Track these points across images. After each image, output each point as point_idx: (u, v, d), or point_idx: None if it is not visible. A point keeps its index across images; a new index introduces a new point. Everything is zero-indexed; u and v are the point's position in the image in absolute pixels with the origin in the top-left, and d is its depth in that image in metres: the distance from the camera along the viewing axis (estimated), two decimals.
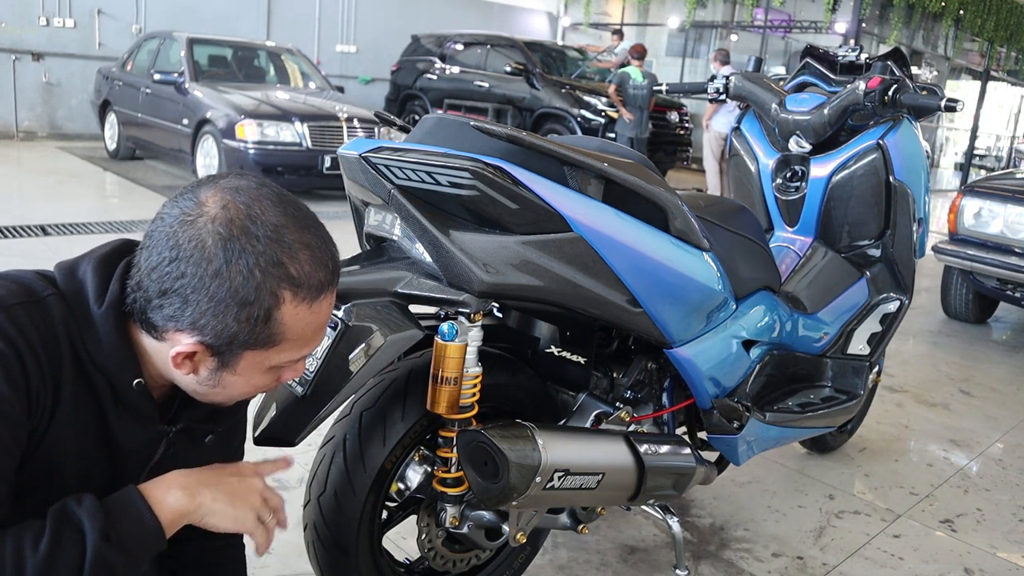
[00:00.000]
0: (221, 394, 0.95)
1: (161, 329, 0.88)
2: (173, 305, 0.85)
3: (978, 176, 11.76)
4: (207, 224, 0.84)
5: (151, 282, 0.85)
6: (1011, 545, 2.27)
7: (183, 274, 0.83)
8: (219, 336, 0.86)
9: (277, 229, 0.85)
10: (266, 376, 0.94)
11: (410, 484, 1.53)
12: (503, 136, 1.29)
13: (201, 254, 0.83)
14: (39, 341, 0.84)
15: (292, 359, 0.93)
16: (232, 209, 0.85)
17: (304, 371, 1.26)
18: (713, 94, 2.51)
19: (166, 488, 0.90)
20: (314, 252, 0.88)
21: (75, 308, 0.89)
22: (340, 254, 0.95)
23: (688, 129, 9.44)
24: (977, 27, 13.71)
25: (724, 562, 2.05)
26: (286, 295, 0.86)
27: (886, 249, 2.31)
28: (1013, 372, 3.92)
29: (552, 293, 1.37)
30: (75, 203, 5.83)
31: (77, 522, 0.81)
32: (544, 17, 13.91)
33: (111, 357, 0.90)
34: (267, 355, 0.90)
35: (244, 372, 0.91)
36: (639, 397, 1.78)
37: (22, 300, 0.86)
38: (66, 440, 0.89)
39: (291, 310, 0.87)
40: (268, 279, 0.84)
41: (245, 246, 0.83)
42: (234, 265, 0.83)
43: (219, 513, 0.92)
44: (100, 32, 9.29)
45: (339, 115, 6.48)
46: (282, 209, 0.87)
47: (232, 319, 0.85)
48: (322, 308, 0.91)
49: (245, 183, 0.88)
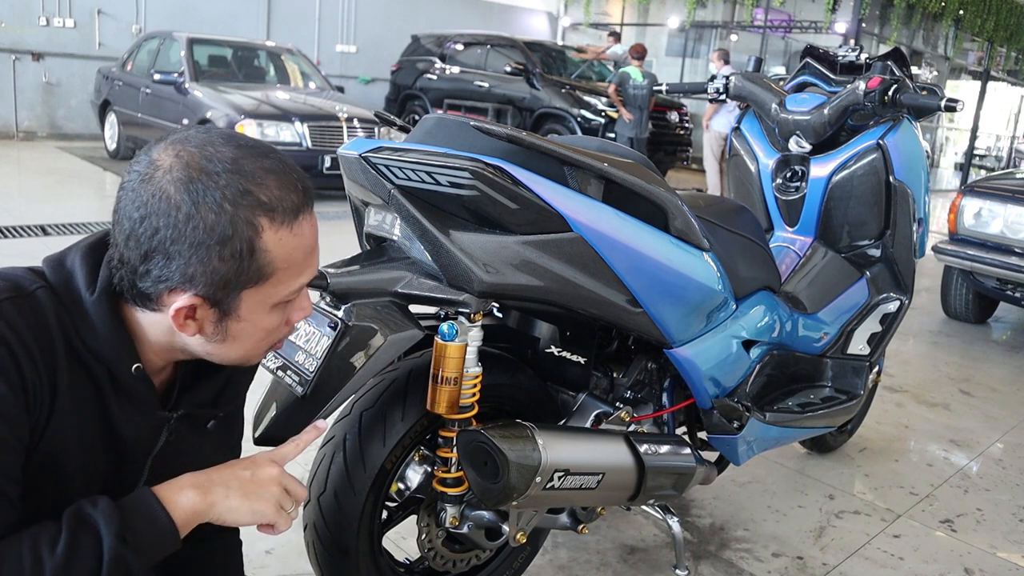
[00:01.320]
0: (235, 348, 0.93)
1: (154, 296, 0.87)
2: (158, 265, 0.84)
3: (978, 176, 11.75)
4: (164, 175, 0.84)
5: (130, 250, 0.85)
6: (1011, 545, 2.27)
7: (156, 229, 0.83)
8: (211, 283, 0.85)
9: (235, 161, 0.85)
10: (273, 316, 0.92)
11: (410, 484, 1.53)
12: (503, 136, 1.29)
13: (167, 204, 0.82)
14: (31, 336, 0.84)
15: (292, 290, 0.92)
16: (185, 155, 0.85)
17: (303, 369, 1.26)
18: (713, 94, 2.51)
19: (179, 488, 0.89)
20: (279, 176, 0.87)
21: (66, 299, 0.89)
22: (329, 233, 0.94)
23: (688, 129, 9.44)
24: (977, 27, 13.70)
25: (724, 562, 2.05)
26: (263, 222, 0.85)
27: (886, 249, 2.31)
28: (1013, 372, 3.92)
29: (552, 293, 1.37)
30: (75, 203, 5.83)
31: (93, 524, 0.81)
32: (544, 17, 13.91)
33: (108, 344, 0.89)
34: (265, 291, 0.89)
35: (249, 315, 0.90)
36: (639, 397, 1.78)
37: (10, 295, 0.85)
38: (67, 433, 0.88)
39: (272, 236, 0.86)
40: (240, 210, 0.84)
41: (208, 184, 0.83)
42: (202, 204, 0.82)
43: (235, 509, 0.92)
44: (100, 32, 9.30)
45: (339, 115, 6.48)
46: (234, 143, 0.87)
47: (217, 260, 0.84)
48: (303, 230, 0.89)
49: (193, 132, 0.89)
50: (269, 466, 0.97)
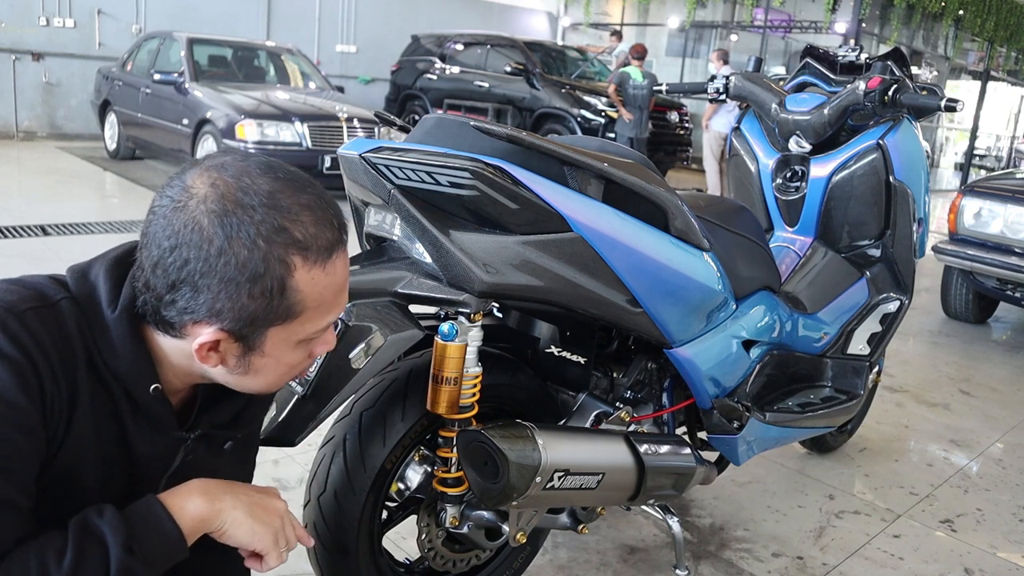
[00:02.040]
0: (256, 381, 0.91)
1: (178, 325, 0.84)
2: (184, 296, 0.82)
3: (978, 176, 11.75)
4: (199, 205, 0.81)
5: (156, 278, 0.82)
6: (1011, 545, 2.27)
7: (187, 261, 0.80)
8: (238, 319, 0.82)
9: (271, 195, 0.82)
10: (297, 352, 0.90)
11: (410, 484, 1.53)
12: (503, 136, 1.29)
13: (200, 236, 0.80)
14: (52, 346, 0.82)
15: (318, 328, 0.89)
16: (221, 185, 0.82)
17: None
18: (713, 94, 2.51)
19: (186, 495, 0.88)
20: (315, 212, 0.85)
21: (88, 312, 0.86)
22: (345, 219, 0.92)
23: (688, 129, 9.43)
24: (977, 27, 13.70)
25: (724, 562, 2.05)
26: (296, 261, 0.82)
27: (886, 249, 2.31)
28: (1013, 372, 3.92)
29: (552, 293, 1.37)
30: (75, 203, 5.83)
31: (99, 535, 0.80)
32: (544, 17, 13.90)
33: (126, 362, 0.87)
34: (291, 329, 0.87)
35: (273, 351, 0.88)
36: (639, 397, 1.78)
37: (34, 305, 0.83)
38: (84, 447, 0.86)
39: (304, 276, 0.83)
40: (273, 247, 0.81)
41: (242, 218, 0.80)
42: (236, 239, 0.80)
43: (239, 523, 0.91)
44: (100, 32, 9.29)
45: (339, 115, 6.47)
46: (272, 175, 0.84)
47: (247, 297, 0.81)
48: (336, 269, 0.87)
49: (229, 159, 0.86)
50: (278, 499, 0.98)
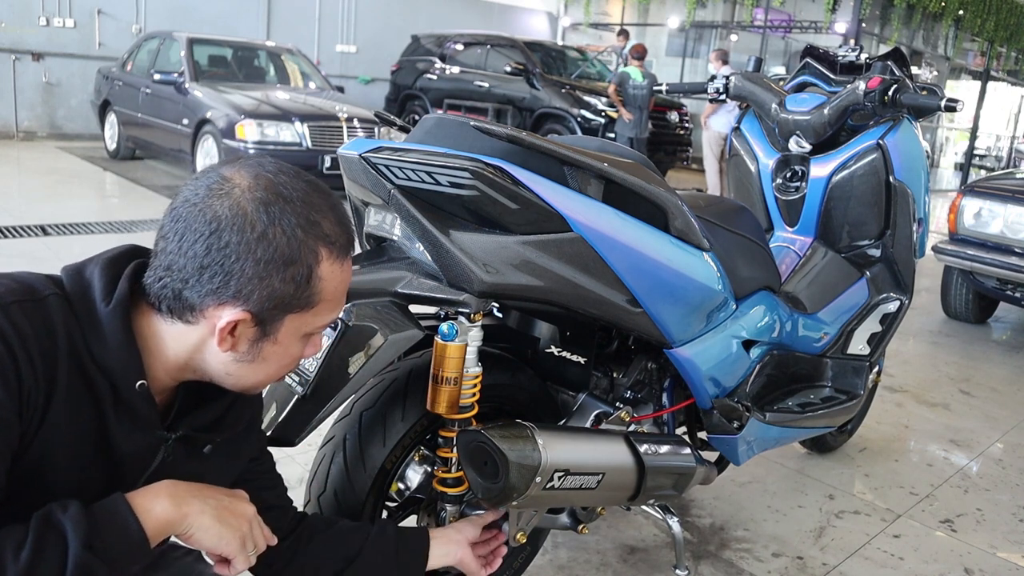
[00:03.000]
0: (257, 371, 0.95)
1: (199, 308, 0.88)
2: (216, 277, 0.86)
3: (978, 176, 11.75)
4: (244, 193, 0.87)
5: (187, 260, 0.86)
6: (1011, 545, 2.27)
7: (227, 243, 0.86)
8: (264, 301, 0.88)
9: (306, 193, 0.91)
10: (299, 345, 0.96)
11: (410, 484, 1.53)
12: (503, 136, 1.29)
13: (244, 220, 0.86)
14: (34, 340, 0.83)
15: (323, 323, 0.96)
16: (264, 180, 0.89)
17: (303, 369, 1.26)
18: (713, 94, 2.51)
19: (153, 496, 0.88)
20: (337, 213, 0.94)
21: (79, 308, 0.88)
22: None
23: (688, 129, 9.43)
24: (977, 27, 13.70)
25: (724, 562, 2.05)
26: (323, 252, 0.90)
27: (886, 249, 2.31)
28: (1013, 372, 3.92)
29: (552, 293, 1.37)
30: (75, 203, 5.83)
31: (60, 530, 0.80)
32: (544, 17, 13.90)
33: (116, 357, 0.88)
34: (305, 318, 0.93)
35: (284, 339, 0.93)
36: (639, 397, 1.78)
37: (20, 299, 0.85)
38: (56, 444, 0.87)
39: (328, 267, 0.91)
40: (308, 237, 0.89)
41: (284, 208, 0.88)
42: (277, 226, 0.87)
43: (205, 528, 0.91)
44: (100, 32, 9.29)
45: (339, 115, 6.47)
46: (303, 178, 0.93)
47: (279, 280, 0.88)
48: (348, 267, 0.96)
49: (265, 159, 0.94)
50: (247, 503, 0.99)
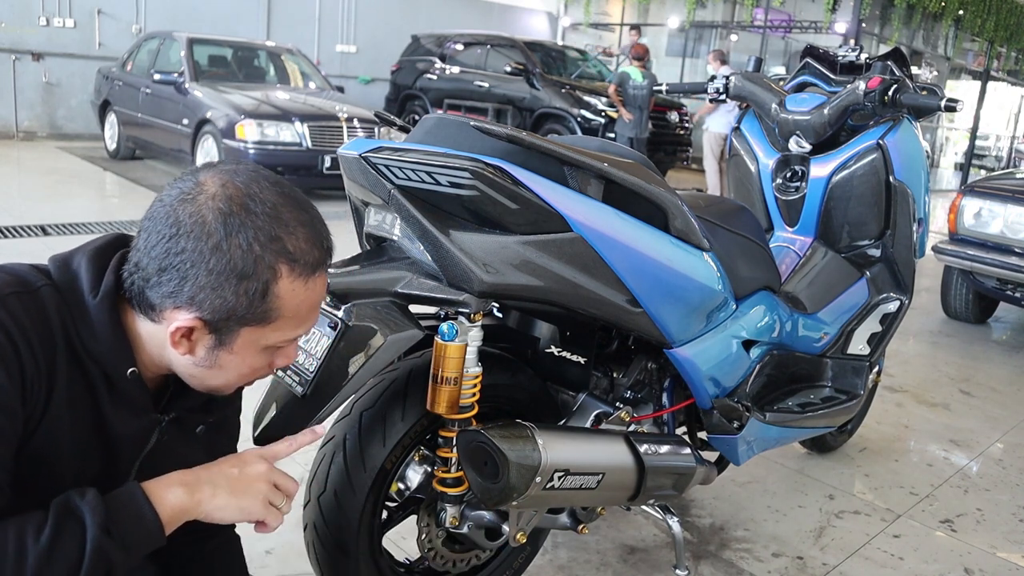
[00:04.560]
0: (217, 376, 0.95)
1: (159, 308, 0.89)
2: (172, 281, 0.86)
3: (978, 176, 11.75)
4: (207, 201, 0.86)
5: (150, 260, 0.87)
6: (1011, 545, 2.27)
7: (183, 249, 0.85)
8: (217, 311, 0.87)
9: (275, 207, 0.89)
10: (260, 357, 0.95)
11: (410, 484, 1.53)
12: (503, 136, 1.29)
13: (201, 229, 0.85)
14: (33, 330, 0.86)
15: (286, 339, 0.95)
16: (231, 187, 0.88)
17: (303, 369, 1.26)
18: (713, 94, 2.51)
19: (167, 485, 0.91)
20: (309, 230, 0.91)
21: (69, 299, 0.90)
22: (334, 241, 0.98)
23: (688, 129, 9.43)
24: (977, 27, 13.70)
25: (724, 562, 2.05)
26: (283, 269, 0.88)
27: (886, 249, 2.31)
28: (1013, 372, 3.92)
29: (552, 293, 1.37)
30: (75, 203, 5.83)
31: (79, 515, 0.83)
32: (544, 17, 13.90)
33: (105, 346, 0.91)
34: (263, 333, 0.92)
35: (240, 351, 0.92)
36: (639, 397, 1.78)
37: (16, 290, 0.87)
38: (60, 429, 0.90)
39: (287, 285, 0.89)
40: (266, 253, 0.87)
41: (244, 221, 0.86)
42: (233, 238, 0.86)
43: (222, 507, 0.93)
44: (100, 32, 9.29)
45: (339, 115, 6.47)
46: (278, 190, 0.91)
47: (231, 293, 0.87)
48: (316, 286, 0.93)
49: (243, 167, 0.92)
50: (257, 463, 0.98)
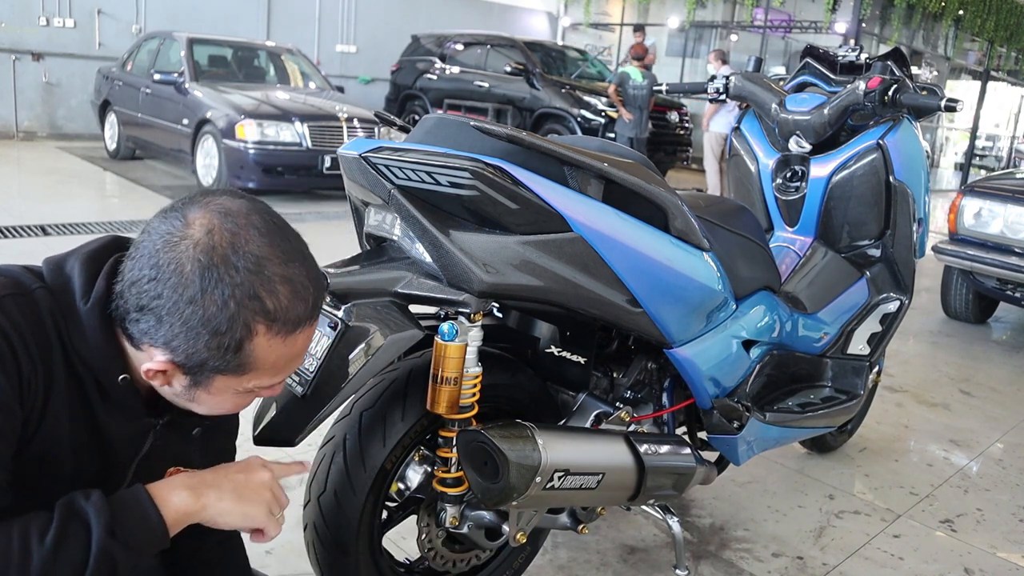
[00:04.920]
0: (198, 408, 0.95)
1: (137, 341, 0.89)
2: (148, 322, 0.85)
3: (978, 176, 11.75)
4: (189, 249, 0.83)
5: (131, 296, 0.86)
6: (1011, 545, 2.27)
7: (159, 295, 0.84)
8: (190, 358, 0.86)
9: (259, 261, 0.85)
10: (239, 398, 0.95)
11: (410, 484, 1.53)
12: (503, 136, 1.29)
13: (179, 279, 0.83)
14: (29, 332, 0.86)
15: (264, 385, 0.94)
16: (216, 235, 0.84)
17: (303, 369, 1.26)
18: (713, 94, 2.51)
19: (172, 488, 0.91)
20: (295, 286, 0.87)
21: (62, 303, 0.90)
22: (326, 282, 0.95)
23: (688, 129, 9.43)
24: (977, 27, 13.70)
25: (724, 562, 2.05)
26: (260, 328, 0.86)
27: (886, 249, 2.31)
28: (1013, 372, 3.92)
29: (552, 293, 1.37)
30: (75, 203, 5.83)
31: (84, 516, 0.83)
32: (544, 17, 13.90)
33: (96, 353, 0.91)
34: (239, 381, 0.91)
35: (217, 392, 0.92)
36: (639, 397, 1.78)
37: (11, 292, 0.87)
38: (60, 431, 0.90)
39: (264, 343, 0.87)
40: (243, 311, 0.84)
41: (223, 276, 0.83)
42: (209, 295, 0.83)
43: (226, 512, 0.93)
44: (100, 32, 9.29)
45: (339, 115, 6.47)
46: (268, 240, 0.86)
47: (203, 345, 0.85)
48: (297, 341, 0.90)
49: (236, 206, 0.87)
50: (262, 471, 0.99)
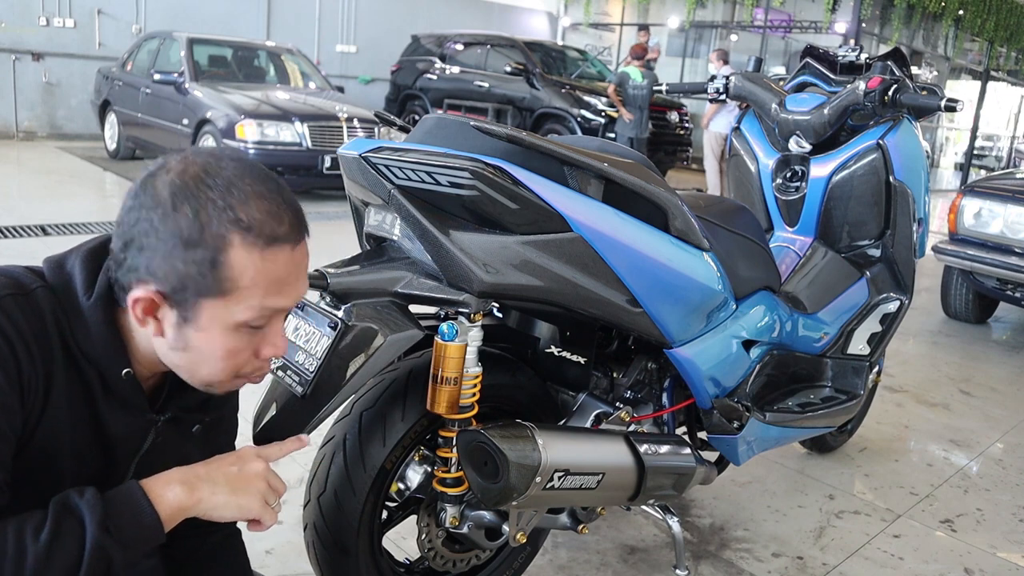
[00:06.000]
0: (200, 364, 0.92)
1: (127, 287, 0.89)
2: (132, 255, 0.87)
3: (978, 176, 11.75)
4: (164, 175, 0.88)
5: (117, 239, 0.89)
6: (1011, 545, 2.27)
7: (138, 220, 0.87)
8: (171, 280, 0.86)
9: (231, 180, 0.88)
10: (235, 338, 0.91)
11: (410, 484, 1.53)
12: (503, 136, 1.29)
13: (155, 200, 0.86)
14: (29, 331, 0.86)
15: (255, 315, 0.90)
16: (191, 166, 0.88)
17: (303, 369, 1.26)
18: (713, 94, 2.51)
19: (166, 483, 0.91)
20: (269, 204, 0.89)
21: (64, 300, 0.91)
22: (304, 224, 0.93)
23: (688, 129, 9.43)
24: (977, 27, 13.71)
25: (724, 562, 2.05)
26: (234, 238, 0.86)
27: (886, 249, 2.31)
28: (1013, 372, 3.92)
29: (552, 293, 1.37)
30: (75, 203, 5.83)
31: (78, 513, 0.83)
32: (544, 17, 13.90)
33: (100, 347, 0.91)
34: (226, 307, 0.88)
35: (209, 327, 0.89)
36: (639, 397, 1.78)
37: (11, 292, 0.87)
38: (59, 429, 0.90)
39: (241, 254, 0.86)
40: (215, 221, 0.85)
41: (196, 192, 0.86)
42: (181, 208, 0.85)
43: (221, 505, 0.93)
44: (100, 32, 9.29)
45: (339, 115, 6.47)
46: (243, 166, 0.90)
47: (180, 261, 0.85)
48: (277, 259, 0.89)
49: (211, 149, 0.93)
50: (255, 461, 0.98)
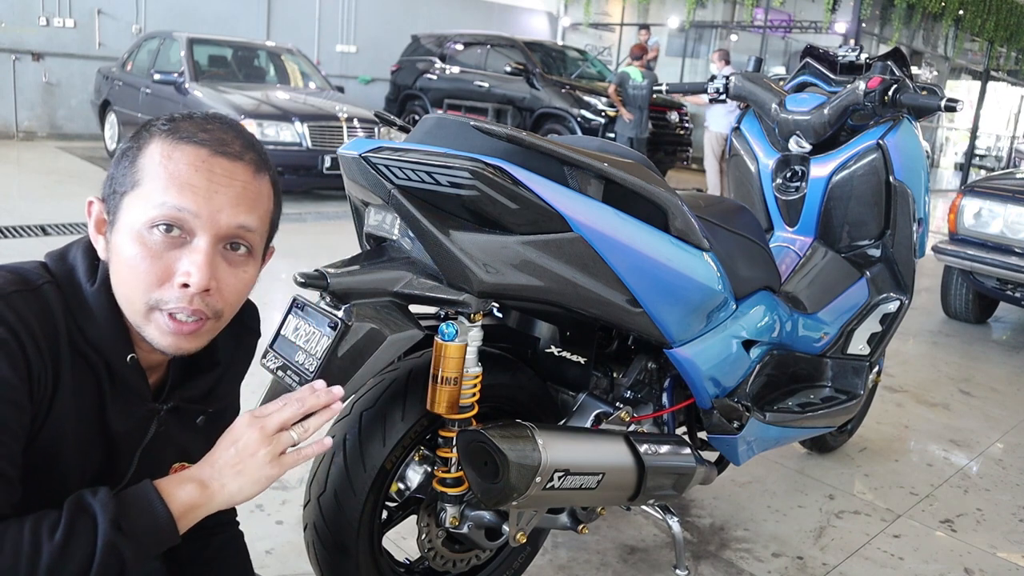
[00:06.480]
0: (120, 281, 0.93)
1: None
2: (107, 193, 0.96)
3: (978, 176, 11.75)
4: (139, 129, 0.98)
5: None
6: (1011, 545, 2.27)
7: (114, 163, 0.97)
8: (107, 187, 0.96)
9: (186, 116, 0.97)
10: (149, 244, 0.90)
11: (410, 484, 1.53)
12: (503, 136, 1.29)
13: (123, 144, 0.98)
14: (37, 327, 0.88)
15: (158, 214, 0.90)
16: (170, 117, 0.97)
17: (303, 369, 1.26)
18: (713, 94, 2.51)
19: (179, 482, 0.92)
20: (203, 125, 0.96)
21: (68, 292, 0.93)
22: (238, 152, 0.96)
23: (688, 129, 9.43)
24: (977, 27, 13.71)
25: (724, 562, 2.05)
26: (156, 138, 0.94)
27: (886, 249, 2.31)
28: (1013, 372, 3.92)
29: (552, 293, 1.37)
30: (75, 203, 5.83)
31: (91, 511, 0.84)
32: (544, 17, 13.90)
33: (105, 332, 0.93)
34: (136, 202, 0.92)
35: (123, 227, 0.92)
36: (639, 397, 1.78)
37: (19, 288, 0.89)
38: (66, 424, 0.92)
39: (154, 148, 0.93)
40: (150, 131, 0.96)
41: (152, 126, 0.96)
42: (138, 135, 0.97)
43: (236, 492, 0.93)
44: (100, 32, 9.29)
45: (339, 115, 6.47)
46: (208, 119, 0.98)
47: (115, 166, 0.95)
48: (184, 155, 0.92)
49: (212, 114, 1.00)
50: (246, 432, 0.94)
